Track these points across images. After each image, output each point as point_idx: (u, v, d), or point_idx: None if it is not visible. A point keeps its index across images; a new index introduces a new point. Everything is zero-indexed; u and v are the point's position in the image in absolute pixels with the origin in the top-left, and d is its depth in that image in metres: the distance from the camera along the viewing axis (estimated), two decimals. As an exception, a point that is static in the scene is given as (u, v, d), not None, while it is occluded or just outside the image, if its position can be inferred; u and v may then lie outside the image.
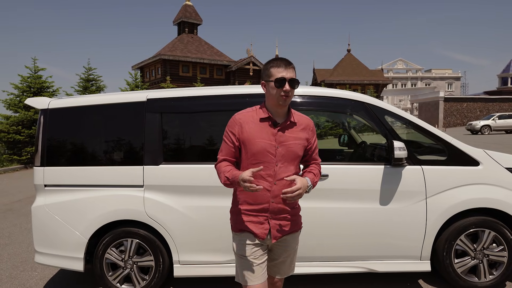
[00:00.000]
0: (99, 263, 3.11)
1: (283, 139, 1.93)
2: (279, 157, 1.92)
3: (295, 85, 1.90)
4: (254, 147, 1.91)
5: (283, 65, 1.90)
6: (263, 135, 1.92)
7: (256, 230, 1.96)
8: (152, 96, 3.15)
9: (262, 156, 1.91)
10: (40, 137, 3.15)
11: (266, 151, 1.90)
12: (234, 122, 1.97)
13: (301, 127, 2.00)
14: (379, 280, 3.46)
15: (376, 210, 3.02)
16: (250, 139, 1.92)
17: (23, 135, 14.17)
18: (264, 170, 1.90)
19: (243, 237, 1.99)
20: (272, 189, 1.92)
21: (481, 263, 3.12)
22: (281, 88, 1.88)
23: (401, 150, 2.88)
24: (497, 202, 3.04)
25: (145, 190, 3.06)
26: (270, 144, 1.91)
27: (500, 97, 39.31)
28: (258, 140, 1.91)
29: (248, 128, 1.93)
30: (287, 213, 1.99)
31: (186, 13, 31.39)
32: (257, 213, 1.96)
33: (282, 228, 1.99)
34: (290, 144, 1.94)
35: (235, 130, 1.96)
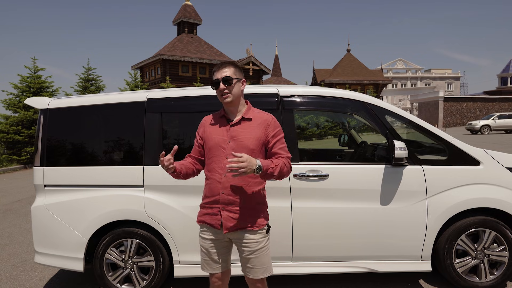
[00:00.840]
0: (99, 263, 3.11)
1: (235, 134, 2.11)
2: (229, 150, 2.08)
3: (229, 81, 2.07)
4: (209, 142, 2.15)
5: (217, 67, 2.13)
6: (217, 131, 2.14)
7: (210, 221, 2.14)
8: (152, 96, 3.15)
9: (215, 150, 2.12)
10: (40, 137, 3.15)
11: (218, 146, 2.11)
12: (201, 124, 2.26)
13: (256, 122, 2.13)
14: (379, 280, 3.45)
15: (376, 210, 3.02)
16: (208, 136, 2.16)
17: (22, 135, 14.16)
18: (216, 163, 2.10)
19: (202, 229, 2.20)
20: (222, 181, 2.08)
21: (481, 263, 3.12)
22: (218, 89, 2.10)
23: (401, 149, 2.87)
24: (498, 202, 3.03)
25: (145, 190, 3.05)
26: (223, 139, 2.11)
27: (500, 97, 39.33)
28: (213, 136, 2.14)
29: (208, 127, 2.19)
30: (238, 206, 2.09)
31: (185, 13, 31.37)
32: (211, 204, 2.13)
33: (235, 221, 2.09)
34: (241, 139, 2.09)
35: (200, 131, 2.24)
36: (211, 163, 2.13)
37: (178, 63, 29.00)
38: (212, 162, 2.12)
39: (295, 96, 3.14)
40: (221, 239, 2.16)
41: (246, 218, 2.10)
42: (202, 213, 2.19)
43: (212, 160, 2.12)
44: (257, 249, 2.13)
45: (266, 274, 2.17)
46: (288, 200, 3.00)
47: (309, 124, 23.33)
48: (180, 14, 31.38)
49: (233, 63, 2.16)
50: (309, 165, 3.02)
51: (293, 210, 2.99)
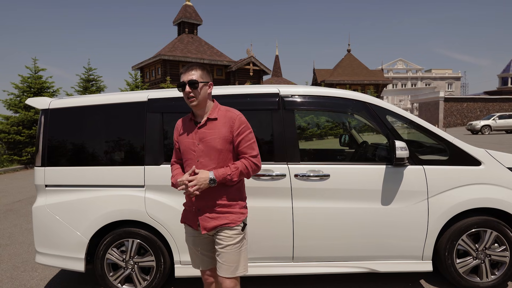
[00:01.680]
0: (100, 264, 3.11)
1: (202, 135, 2.12)
2: (199, 153, 2.11)
3: (194, 84, 2.07)
4: (181, 146, 2.19)
5: (184, 69, 2.13)
6: (187, 135, 2.17)
7: (189, 222, 2.23)
8: (153, 96, 3.15)
9: (187, 153, 2.15)
10: (41, 137, 3.15)
11: (189, 149, 2.13)
12: (175, 127, 2.29)
13: (222, 121, 2.13)
14: (380, 280, 3.45)
15: (377, 210, 3.02)
16: (180, 140, 2.20)
17: (23, 136, 14.16)
18: (189, 166, 2.13)
19: (186, 229, 2.30)
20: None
21: (483, 263, 3.11)
22: (184, 91, 2.10)
23: (402, 150, 2.87)
24: (499, 202, 3.03)
25: (146, 190, 3.05)
26: (192, 142, 2.13)
27: (500, 97, 39.29)
28: (184, 140, 2.17)
29: (181, 130, 2.23)
30: (214, 206, 2.13)
31: (186, 13, 31.38)
32: (188, 206, 2.22)
33: (211, 220, 2.14)
34: (208, 140, 2.10)
35: (175, 134, 2.29)
36: (185, 166, 2.18)
37: (179, 64, 29.00)
38: (186, 165, 2.17)
39: (296, 96, 3.14)
40: (202, 236, 2.24)
41: (222, 217, 2.14)
42: (183, 213, 2.29)
43: (186, 163, 2.17)
44: (229, 244, 2.13)
45: (234, 273, 2.14)
46: (289, 200, 3.00)
47: (310, 124, 23.33)
48: (181, 15, 31.39)
49: (200, 65, 2.15)
50: (310, 165, 3.01)
51: (294, 210, 2.99)
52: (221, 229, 2.15)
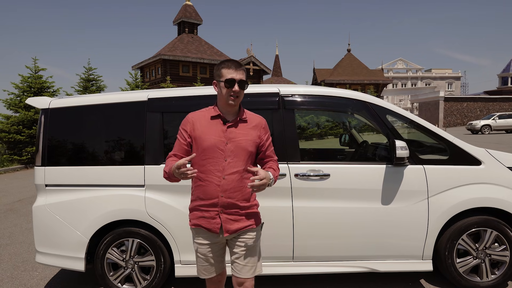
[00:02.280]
0: (100, 263, 3.11)
1: (232, 135, 2.04)
2: (228, 152, 2.02)
3: (244, 86, 2.03)
4: (205, 142, 2.03)
5: (234, 66, 2.02)
6: (213, 132, 2.04)
7: (208, 225, 2.06)
8: (153, 95, 3.15)
9: (212, 151, 2.02)
10: (41, 136, 3.15)
11: (215, 147, 2.02)
12: (187, 121, 2.11)
13: (252, 124, 2.10)
14: (380, 280, 3.45)
15: (377, 209, 3.01)
16: (201, 136, 2.04)
17: (23, 135, 14.16)
18: (213, 165, 2.02)
19: (198, 233, 2.11)
20: (221, 184, 2.01)
21: (483, 263, 3.11)
22: (231, 89, 2.00)
23: (403, 149, 2.87)
24: (499, 201, 3.03)
25: (146, 189, 3.05)
26: (220, 140, 2.02)
27: (500, 97, 39.28)
28: (208, 137, 2.03)
29: (200, 126, 2.06)
30: (238, 208, 2.05)
31: (186, 13, 31.37)
32: (208, 208, 2.05)
33: (235, 223, 2.05)
34: (239, 140, 2.03)
35: (187, 128, 2.10)
36: (205, 164, 2.03)
37: (179, 63, 29.00)
38: (208, 163, 2.03)
39: (296, 96, 3.14)
40: (218, 241, 2.12)
41: (246, 218, 2.08)
42: (196, 216, 2.10)
43: (207, 161, 2.03)
44: (252, 246, 2.10)
45: (255, 273, 2.15)
46: (289, 199, 3.00)
47: (310, 124, 23.32)
48: (181, 14, 31.38)
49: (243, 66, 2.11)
50: (310, 164, 3.01)
51: (294, 209, 2.99)
52: (244, 231, 2.09)
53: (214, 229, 2.05)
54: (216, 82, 2.08)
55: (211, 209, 2.04)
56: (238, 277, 2.11)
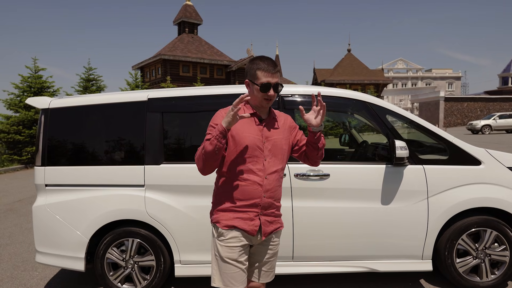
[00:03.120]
0: (100, 263, 3.11)
1: (268, 134, 1.96)
2: (266, 151, 1.94)
3: (278, 89, 1.92)
4: (244, 141, 1.90)
5: (271, 68, 1.89)
6: (250, 130, 1.93)
7: (246, 227, 1.91)
8: (153, 95, 3.15)
9: (252, 150, 1.91)
10: (41, 136, 3.15)
11: (255, 146, 1.91)
12: (218, 116, 1.95)
13: (281, 122, 2.04)
14: (380, 280, 3.45)
15: (377, 209, 3.02)
16: (239, 133, 1.91)
17: (23, 135, 14.17)
18: (254, 164, 1.91)
19: (231, 237, 1.91)
20: (263, 184, 1.92)
21: (483, 263, 3.11)
22: (266, 93, 1.89)
23: (402, 149, 2.87)
24: (499, 201, 3.03)
25: (146, 189, 3.05)
26: (258, 139, 1.93)
27: (501, 97, 39.27)
28: (247, 135, 1.91)
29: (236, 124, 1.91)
30: (275, 208, 2.00)
31: (186, 13, 31.37)
32: (248, 208, 1.91)
33: (270, 224, 1.98)
34: (275, 139, 1.97)
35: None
36: (245, 163, 1.90)
37: (179, 63, 29.00)
38: (248, 162, 1.90)
39: (296, 96, 3.14)
40: (247, 248, 1.96)
41: (277, 220, 2.03)
42: (230, 217, 1.92)
43: (247, 160, 1.90)
44: (277, 251, 2.09)
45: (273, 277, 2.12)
46: (289, 199, 3.00)
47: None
48: (181, 14, 31.38)
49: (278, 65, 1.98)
50: (310, 164, 3.01)
51: (294, 209, 2.99)
52: (275, 234, 2.03)
53: (251, 231, 1.91)
54: (249, 82, 1.94)
55: (251, 210, 1.92)
56: (255, 281, 2.05)
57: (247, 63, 1.97)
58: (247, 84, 1.98)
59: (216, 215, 1.97)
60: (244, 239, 1.93)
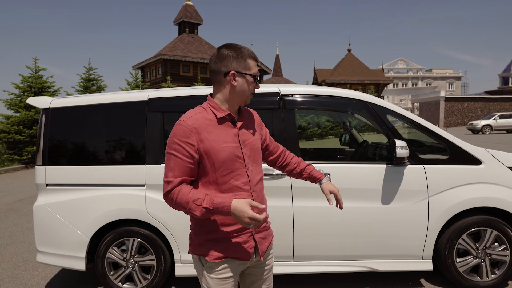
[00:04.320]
0: (100, 262, 3.11)
1: (244, 138, 1.64)
2: (247, 159, 1.62)
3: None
4: (220, 154, 1.55)
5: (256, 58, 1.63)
6: (225, 138, 1.57)
7: (239, 254, 1.61)
8: (153, 95, 3.15)
9: (232, 163, 1.57)
10: (42, 136, 3.15)
11: (235, 156, 1.58)
12: (187, 130, 1.52)
13: (251, 119, 1.75)
14: (380, 279, 3.45)
15: (377, 209, 3.02)
16: (214, 147, 1.54)
17: (24, 135, 14.18)
18: (238, 178, 1.59)
19: (223, 268, 1.61)
20: (253, 198, 1.63)
21: (483, 263, 3.11)
22: (255, 85, 1.63)
23: (403, 149, 2.87)
24: (499, 201, 3.03)
25: (146, 189, 3.06)
26: (236, 146, 1.59)
27: (501, 97, 39.24)
28: (223, 146, 1.56)
29: (207, 134, 1.54)
30: (266, 222, 1.74)
31: (186, 13, 31.37)
32: (240, 232, 1.61)
33: (265, 241, 1.72)
34: (252, 142, 1.67)
35: (191, 140, 1.52)
36: (228, 180, 1.57)
37: (179, 63, 29.01)
38: (231, 178, 1.58)
39: (296, 96, 3.14)
40: (240, 270, 1.69)
41: (268, 233, 1.76)
42: (222, 247, 1.60)
43: (230, 176, 1.57)
44: (273, 264, 1.85)
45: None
46: (289, 199, 3.00)
47: (310, 124, 23.33)
48: (181, 14, 31.39)
49: None
50: (310, 164, 3.01)
51: (294, 209, 3.00)
52: (269, 249, 1.78)
53: (246, 257, 1.63)
54: (237, 73, 1.58)
55: (244, 232, 1.63)
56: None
57: (225, 50, 1.59)
58: (232, 77, 1.58)
59: (200, 247, 1.62)
60: (237, 267, 1.65)
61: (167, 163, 1.54)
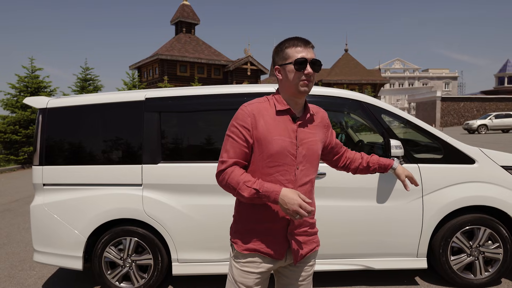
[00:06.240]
0: (98, 262, 3.13)
1: (303, 136, 1.58)
2: (300, 158, 1.57)
3: (317, 67, 1.53)
4: (272, 146, 1.53)
5: (302, 43, 1.53)
6: (281, 132, 1.55)
7: (271, 252, 1.58)
8: (150, 95, 3.17)
9: (282, 157, 1.54)
10: (39, 136, 3.16)
11: (286, 152, 1.54)
12: (245, 114, 1.54)
13: (318, 120, 1.67)
14: (375, 277, 3.48)
15: (372, 208, 3.05)
16: (267, 137, 1.53)
17: (20, 135, 14.14)
18: (284, 174, 1.55)
19: (248, 261, 1.60)
20: None
21: (477, 260, 3.15)
22: (302, 71, 1.51)
23: (397, 148, 2.90)
24: (493, 199, 3.07)
25: (143, 188, 3.07)
26: (291, 142, 1.55)
27: (497, 97, 39.48)
28: (276, 138, 1.53)
29: (264, 123, 1.54)
30: (308, 226, 1.64)
31: (183, 13, 31.35)
32: (274, 229, 1.58)
33: (304, 245, 1.63)
34: (311, 142, 1.59)
35: (247, 124, 1.53)
36: (273, 173, 1.54)
37: (176, 63, 28.98)
38: (276, 172, 1.54)
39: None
40: (271, 270, 1.64)
41: (312, 240, 1.65)
42: (252, 239, 1.59)
43: (275, 169, 1.54)
44: (311, 274, 1.70)
45: None
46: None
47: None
48: (178, 14, 31.36)
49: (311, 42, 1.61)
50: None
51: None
52: (309, 256, 1.67)
53: (277, 256, 1.58)
54: (279, 67, 1.57)
55: (278, 230, 1.58)
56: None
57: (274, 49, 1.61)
58: (277, 71, 1.59)
59: (235, 234, 1.64)
60: (266, 265, 1.60)
61: (224, 144, 1.58)
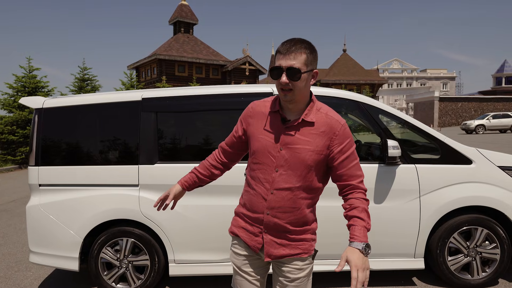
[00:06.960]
0: (94, 263, 3.11)
1: (290, 140, 1.54)
2: (280, 161, 1.54)
3: (295, 75, 1.44)
4: (254, 143, 1.60)
5: (284, 49, 1.47)
6: (268, 132, 1.58)
7: (247, 240, 1.64)
8: (147, 95, 3.16)
9: (262, 156, 1.57)
10: (35, 136, 3.15)
11: (266, 151, 1.56)
12: (247, 110, 1.70)
13: (319, 129, 1.54)
14: (373, 277, 3.48)
15: (370, 208, 3.04)
16: (254, 134, 1.62)
17: (17, 135, 14.09)
18: (262, 172, 1.57)
19: (237, 244, 1.71)
20: (268, 199, 1.56)
21: (474, 261, 3.15)
22: (278, 80, 1.49)
23: (395, 148, 2.90)
24: (490, 200, 3.07)
25: (140, 189, 3.06)
26: (272, 143, 1.56)
27: (495, 97, 39.61)
28: (261, 136, 1.59)
29: (256, 121, 1.63)
30: (288, 232, 1.59)
31: (181, 13, 31.32)
32: (252, 222, 1.63)
33: (280, 248, 1.60)
34: (297, 148, 1.53)
35: (244, 119, 1.70)
36: (255, 169, 1.60)
37: (174, 63, 28.95)
38: (257, 169, 1.60)
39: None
40: (258, 260, 1.69)
41: (294, 245, 1.61)
42: (238, 224, 1.69)
43: (257, 166, 1.60)
44: (299, 277, 1.63)
45: None
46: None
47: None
48: (176, 14, 31.32)
49: (308, 46, 1.50)
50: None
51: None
52: (291, 260, 1.63)
53: (253, 247, 1.63)
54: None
55: (255, 225, 1.62)
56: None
57: None
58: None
59: (233, 218, 1.79)
60: (249, 250, 1.67)
61: None
